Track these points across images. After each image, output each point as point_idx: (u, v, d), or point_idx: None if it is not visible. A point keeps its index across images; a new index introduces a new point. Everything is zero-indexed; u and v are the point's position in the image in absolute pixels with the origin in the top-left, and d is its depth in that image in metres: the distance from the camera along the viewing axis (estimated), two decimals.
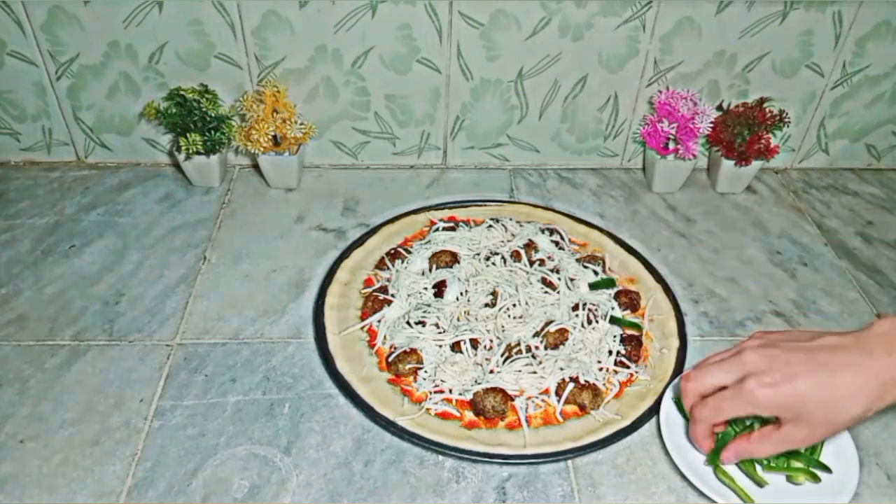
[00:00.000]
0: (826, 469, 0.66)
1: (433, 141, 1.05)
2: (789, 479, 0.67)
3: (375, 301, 0.81)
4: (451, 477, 0.67)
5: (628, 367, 0.76)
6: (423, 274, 0.86)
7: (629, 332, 0.80)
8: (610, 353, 0.77)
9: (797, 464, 0.67)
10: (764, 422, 0.63)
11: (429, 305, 0.80)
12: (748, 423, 0.66)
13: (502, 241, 0.91)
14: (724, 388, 0.60)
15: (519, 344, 0.76)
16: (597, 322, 0.79)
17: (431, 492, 0.65)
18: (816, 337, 0.59)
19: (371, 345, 0.78)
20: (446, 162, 1.08)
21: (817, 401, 0.55)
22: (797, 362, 0.56)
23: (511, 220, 0.94)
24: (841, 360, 0.55)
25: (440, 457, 0.68)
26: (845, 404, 0.55)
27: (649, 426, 0.72)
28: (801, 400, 0.55)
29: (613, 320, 0.80)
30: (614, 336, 0.79)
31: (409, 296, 0.82)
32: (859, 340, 0.56)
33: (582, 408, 0.72)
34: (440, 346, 0.76)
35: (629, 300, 0.84)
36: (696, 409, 0.61)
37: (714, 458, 0.65)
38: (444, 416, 0.71)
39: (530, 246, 0.89)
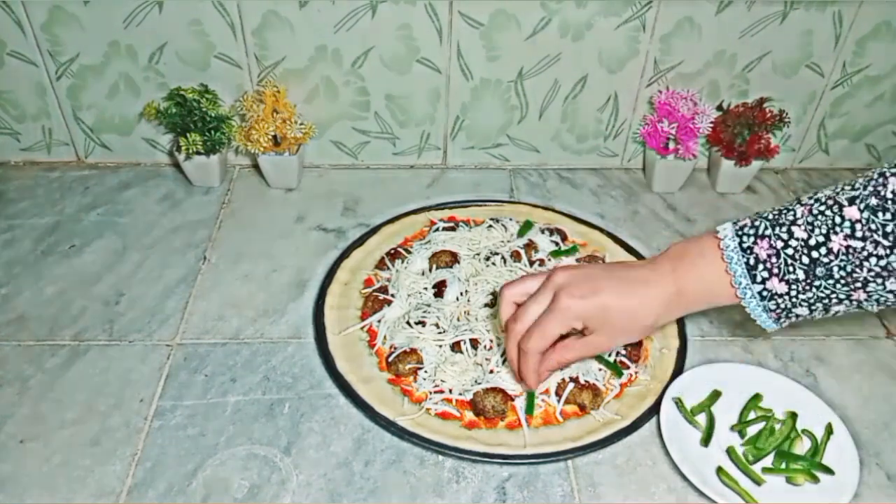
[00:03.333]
0: (828, 471, 0.66)
1: (433, 141, 1.05)
2: (789, 479, 0.67)
3: (375, 301, 0.81)
4: (451, 477, 0.67)
5: (628, 367, 0.76)
6: (423, 274, 0.86)
7: None
8: (609, 354, 0.77)
9: (798, 465, 0.67)
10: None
11: (429, 305, 0.80)
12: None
13: (502, 241, 0.91)
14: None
15: None
16: None
17: (431, 492, 0.65)
18: (616, 264, 0.68)
19: (371, 345, 0.78)
20: (446, 162, 1.08)
21: (618, 310, 0.61)
22: (600, 278, 0.63)
23: (511, 219, 0.94)
24: (635, 276, 0.63)
25: (440, 457, 0.68)
26: (640, 314, 0.62)
27: (649, 426, 0.72)
28: (605, 309, 0.61)
29: None
30: None
31: (409, 296, 0.82)
32: (651, 262, 0.64)
33: (582, 408, 0.72)
34: (440, 346, 0.76)
35: None
36: (524, 343, 0.64)
37: (531, 399, 0.71)
38: (444, 416, 0.71)
39: (530, 246, 0.89)
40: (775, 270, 0.56)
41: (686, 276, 0.61)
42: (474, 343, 0.77)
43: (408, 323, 0.78)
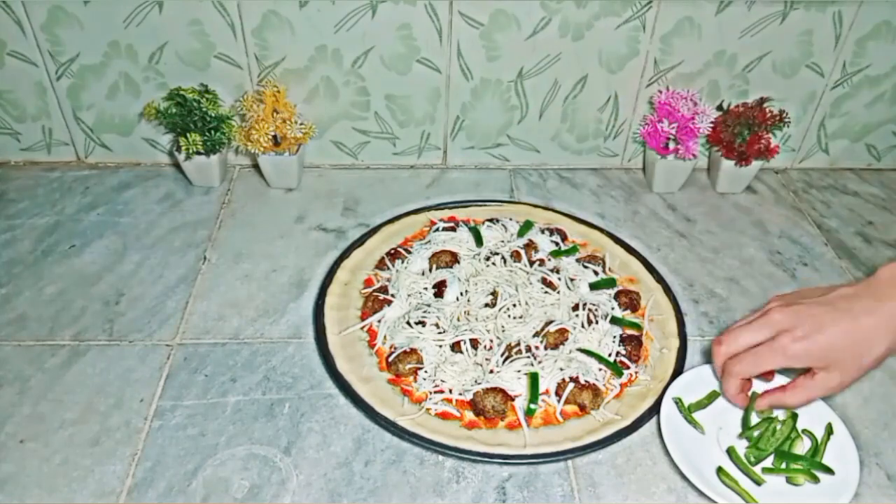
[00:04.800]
0: (828, 471, 0.66)
1: (433, 141, 1.05)
2: (789, 480, 0.67)
3: (375, 301, 0.81)
4: (451, 477, 0.67)
5: (628, 367, 0.76)
6: (423, 274, 0.86)
7: (629, 332, 0.80)
8: (609, 354, 0.77)
9: (798, 465, 0.67)
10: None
11: (429, 305, 0.80)
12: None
13: (502, 241, 0.91)
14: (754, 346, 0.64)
15: (519, 344, 0.76)
16: (597, 322, 0.79)
17: (431, 492, 0.65)
18: (830, 290, 0.64)
19: (371, 345, 0.78)
20: (446, 162, 1.08)
21: (845, 346, 0.60)
22: (822, 314, 0.61)
23: (511, 219, 0.94)
24: (860, 308, 0.61)
25: (440, 457, 0.68)
26: (870, 346, 0.60)
27: (649, 426, 0.72)
28: (831, 348, 0.60)
29: (614, 320, 0.80)
30: (614, 336, 0.79)
31: (409, 296, 0.82)
32: (870, 288, 0.62)
33: (582, 408, 0.72)
34: (440, 346, 0.76)
35: (629, 300, 0.84)
36: (729, 364, 0.65)
37: (749, 410, 0.69)
38: (444, 416, 0.71)
39: (530, 246, 0.89)
40: None
41: None
42: (474, 343, 0.77)
43: (408, 323, 0.78)
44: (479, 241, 0.90)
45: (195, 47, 0.94)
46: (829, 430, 0.70)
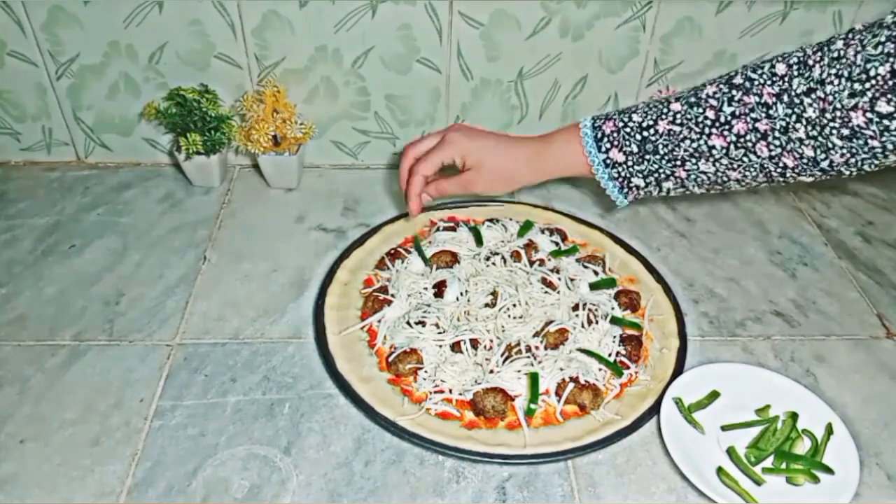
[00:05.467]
0: (828, 470, 0.66)
1: None
2: (789, 480, 0.67)
3: (375, 301, 0.81)
4: (451, 477, 0.67)
5: (628, 367, 0.76)
6: (423, 274, 0.86)
7: (629, 332, 0.80)
8: (609, 354, 0.77)
9: (798, 465, 0.67)
10: None
11: (429, 305, 0.80)
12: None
13: (502, 241, 0.91)
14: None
15: (519, 344, 0.76)
16: (597, 322, 0.79)
17: (431, 492, 0.65)
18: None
19: (371, 345, 0.78)
20: None
21: (493, 153, 0.78)
22: (486, 131, 0.80)
23: (511, 219, 0.94)
24: (514, 139, 0.80)
25: (440, 457, 0.68)
26: (508, 164, 0.78)
27: (649, 426, 0.72)
28: (482, 150, 0.78)
29: (614, 320, 0.80)
30: (614, 336, 0.79)
31: (409, 296, 0.82)
32: (529, 137, 0.80)
33: (582, 408, 0.72)
34: (440, 346, 0.76)
35: (629, 300, 0.84)
36: (415, 167, 0.80)
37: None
38: (444, 416, 0.71)
39: (530, 246, 0.89)
40: (616, 143, 0.73)
41: (551, 145, 0.78)
42: (474, 343, 0.77)
43: (408, 323, 0.78)
44: (479, 241, 0.90)
45: (195, 47, 0.94)
46: (830, 430, 0.70)
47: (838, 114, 0.61)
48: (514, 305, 0.81)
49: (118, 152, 1.05)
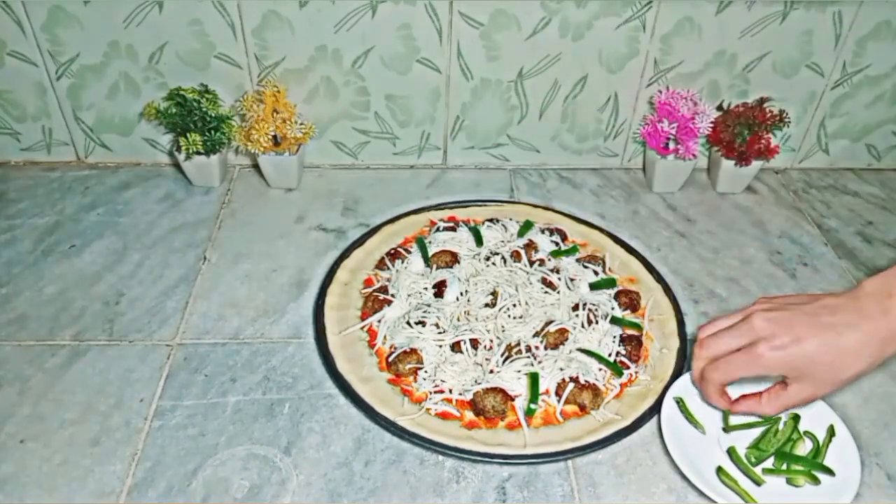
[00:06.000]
0: (829, 472, 0.66)
1: (433, 141, 1.05)
2: (789, 481, 0.67)
3: (375, 301, 0.81)
4: (451, 477, 0.67)
5: (628, 367, 0.76)
6: (423, 274, 0.86)
7: (629, 332, 0.80)
8: (609, 354, 0.77)
9: (798, 466, 0.67)
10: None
11: (429, 305, 0.80)
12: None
13: (502, 241, 0.91)
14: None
15: (519, 344, 0.76)
16: (597, 322, 0.79)
17: (431, 492, 0.65)
18: (815, 299, 0.63)
19: (371, 345, 0.78)
20: (446, 162, 1.08)
21: (822, 361, 0.59)
22: (803, 325, 0.60)
23: (511, 219, 0.94)
24: (842, 321, 0.59)
25: (440, 457, 0.68)
26: (849, 362, 0.59)
27: (649, 426, 0.72)
28: (808, 361, 0.60)
29: (614, 320, 0.80)
30: (614, 336, 0.79)
31: (409, 296, 0.82)
32: (855, 301, 0.60)
33: (582, 408, 0.72)
34: (440, 346, 0.76)
35: (629, 300, 0.84)
36: (707, 370, 0.65)
37: (727, 413, 0.71)
38: (444, 416, 0.71)
39: (530, 246, 0.89)
40: None
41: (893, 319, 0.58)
42: (474, 343, 0.77)
43: (408, 323, 0.78)
44: (479, 241, 0.90)
45: (195, 47, 0.94)
46: (831, 432, 0.70)
47: None
48: (514, 305, 0.81)
49: (118, 152, 1.05)
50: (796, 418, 0.71)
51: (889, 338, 0.58)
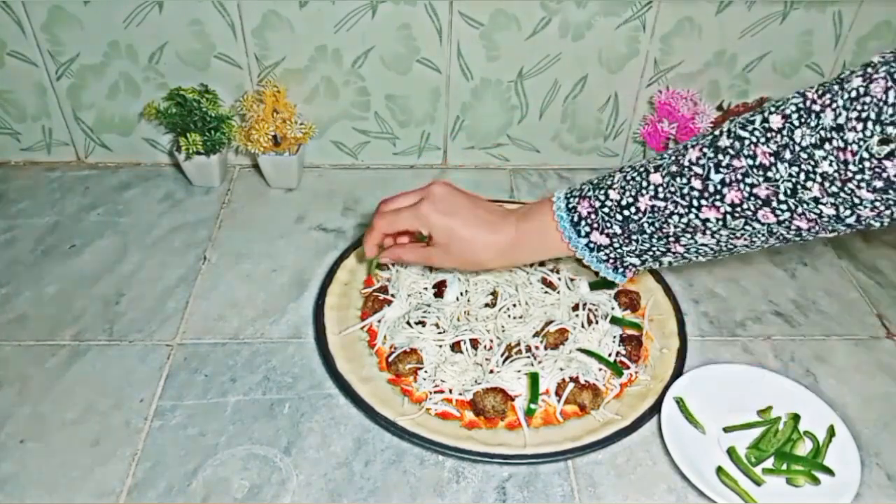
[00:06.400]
0: (829, 472, 0.66)
1: (433, 141, 1.05)
2: (789, 481, 0.67)
3: (375, 301, 0.81)
4: (451, 477, 0.67)
5: (628, 367, 0.76)
6: (423, 274, 0.86)
7: (629, 332, 0.80)
8: (609, 354, 0.77)
9: (798, 466, 0.67)
10: None
11: (429, 305, 0.80)
12: None
13: None
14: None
15: (519, 344, 0.76)
16: (597, 322, 0.79)
17: (431, 492, 0.65)
18: (483, 203, 0.73)
19: (371, 345, 0.78)
20: (446, 162, 1.08)
21: (460, 238, 0.69)
22: (463, 205, 0.71)
23: None
24: (487, 219, 0.70)
25: (440, 457, 0.68)
26: (477, 251, 0.70)
27: (649, 426, 0.72)
28: (450, 232, 0.69)
29: (614, 320, 0.80)
30: (614, 336, 0.79)
31: (409, 296, 0.82)
32: (505, 213, 0.72)
33: (582, 408, 0.72)
34: (440, 346, 0.76)
35: (629, 300, 0.84)
36: (376, 219, 0.73)
37: (371, 262, 0.81)
38: (444, 416, 0.71)
39: None
40: (595, 225, 0.64)
41: (526, 232, 0.69)
42: (474, 343, 0.77)
43: (408, 323, 0.78)
44: None
45: (195, 47, 0.94)
46: (832, 433, 0.70)
47: (867, 164, 0.50)
48: (514, 305, 0.81)
49: (118, 152, 1.05)
50: (796, 418, 0.71)
51: (512, 244, 0.69)
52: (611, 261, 0.66)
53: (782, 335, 0.82)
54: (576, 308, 0.81)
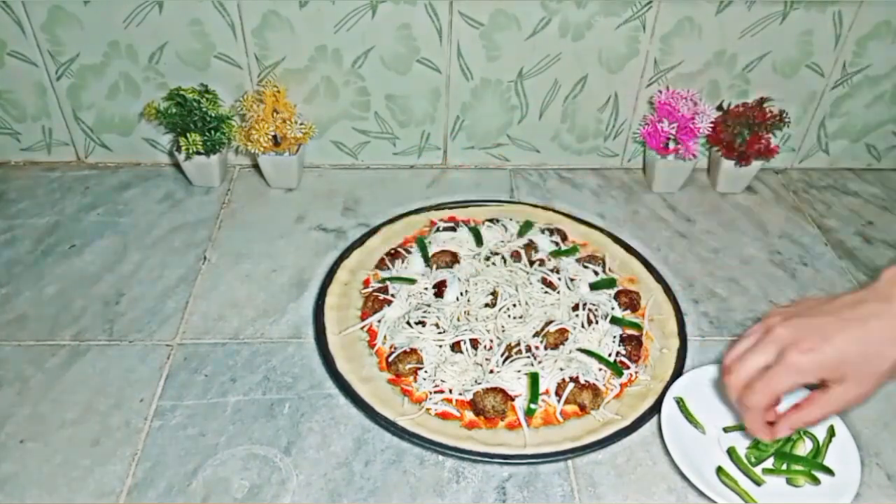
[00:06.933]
0: (829, 472, 0.66)
1: (433, 141, 1.05)
2: (789, 481, 0.67)
3: (375, 301, 0.81)
4: (451, 477, 0.67)
5: (628, 367, 0.76)
6: (423, 274, 0.86)
7: (629, 332, 0.80)
8: (609, 354, 0.77)
9: (799, 467, 0.67)
10: None
11: (429, 305, 0.80)
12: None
13: (502, 241, 0.91)
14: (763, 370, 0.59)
15: (519, 344, 0.76)
16: (597, 322, 0.79)
17: (431, 492, 0.65)
18: (832, 300, 0.60)
19: (371, 345, 0.78)
20: (446, 162, 1.08)
21: (857, 354, 0.56)
22: (827, 324, 0.57)
23: (511, 219, 0.94)
24: (867, 312, 0.57)
25: (440, 457, 0.68)
26: (883, 351, 0.56)
27: (649, 426, 0.72)
28: (842, 357, 0.56)
29: (614, 320, 0.80)
30: (614, 336, 0.79)
31: (409, 296, 0.82)
32: (875, 291, 0.58)
33: (582, 408, 0.72)
34: (440, 346, 0.76)
35: (629, 300, 0.84)
36: (744, 398, 0.60)
37: (775, 441, 0.65)
38: (444, 416, 0.71)
39: (530, 246, 0.89)
40: None
41: None
42: (474, 343, 0.77)
43: (408, 323, 0.78)
44: (479, 241, 0.90)
45: (195, 47, 0.94)
46: (831, 433, 0.70)
47: None
48: (514, 305, 0.81)
49: (118, 152, 1.05)
50: None
51: None
52: None
53: None
54: (576, 308, 0.81)
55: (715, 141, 1.01)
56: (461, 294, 0.83)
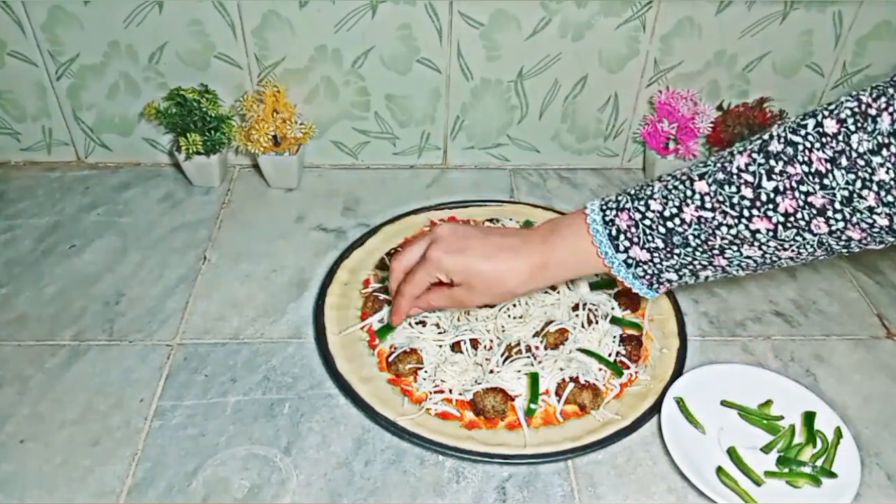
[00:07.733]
0: (832, 475, 0.66)
1: (433, 141, 1.05)
2: (789, 482, 0.67)
3: (375, 301, 0.81)
4: (451, 477, 0.67)
5: (628, 367, 0.76)
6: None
7: (629, 332, 0.80)
8: (609, 354, 0.77)
9: (803, 471, 0.67)
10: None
11: None
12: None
13: None
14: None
15: (519, 344, 0.76)
16: (597, 322, 0.79)
17: (431, 492, 0.65)
18: (500, 229, 0.71)
19: (371, 345, 0.78)
20: (446, 162, 1.08)
21: (481, 271, 0.65)
22: (473, 237, 0.66)
23: (511, 219, 0.94)
24: (506, 244, 0.66)
25: (440, 457, 0.68)
26: (504, 279, 0.65)
27: (649, 426, 0.72)
28: (469, 268, 0.65)
29: (614, 320, 0.80)
30: (614, 336, 0.79)
31: None
32: (524, 233, 0.68)
33: (582, 408, 0.72)
34: (440, 346, 0.76)
35: (629, 300, 0.84)
36: (401, 285, 0.69)
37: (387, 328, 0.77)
38: (444, 416, 0.71)
39: None
40: (635, 240, 0.60)
41: (555, 248, 0.64)
42: (474, 343, 0.77)
43: (408, 323, 0.78)
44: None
45: (195, 47, 0.94)
46: (839, 434, 0.69)
47: None
48: (514, 305, 0.81)
49: (118, 152, 1.05)
50: (811, 416, 0.70)
51: (542, 264, 0.65)
52: (647, 277, 0.62)
53: (782, 335, 0.82)
54: (576, 308, 0.81)
55: (715, 141, 1.01)
56: None
